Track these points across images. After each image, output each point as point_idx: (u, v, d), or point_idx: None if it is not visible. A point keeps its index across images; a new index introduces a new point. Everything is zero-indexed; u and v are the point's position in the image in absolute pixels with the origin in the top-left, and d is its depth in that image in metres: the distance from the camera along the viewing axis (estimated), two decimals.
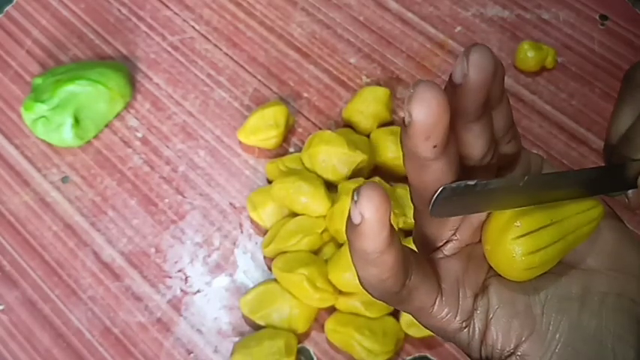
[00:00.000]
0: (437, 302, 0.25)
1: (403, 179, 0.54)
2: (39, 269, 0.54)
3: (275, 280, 0.51)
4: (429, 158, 0.21)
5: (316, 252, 0.52)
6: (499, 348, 0.24)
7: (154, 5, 0.65)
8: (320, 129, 0.59)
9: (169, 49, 0.63)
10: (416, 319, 0.26)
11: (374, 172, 0.55)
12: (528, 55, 0.59)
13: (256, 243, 0.55)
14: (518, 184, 0.23)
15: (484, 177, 0.24)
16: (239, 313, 0.52)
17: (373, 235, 0.21)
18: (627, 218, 0.53)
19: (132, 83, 0.60)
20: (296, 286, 0.49)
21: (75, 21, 0.64)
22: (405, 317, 0.50)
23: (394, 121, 0.58)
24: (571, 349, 0.24)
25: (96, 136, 0.59)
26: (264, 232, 0.55)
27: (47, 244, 0.55)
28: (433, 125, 0.20)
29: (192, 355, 0.51)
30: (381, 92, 0.57)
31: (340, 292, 0.50)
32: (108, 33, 0.64)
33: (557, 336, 0.24)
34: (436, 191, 0.22)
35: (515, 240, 0.24)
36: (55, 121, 0.56)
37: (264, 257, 0.54)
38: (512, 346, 0.24)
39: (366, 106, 0.56)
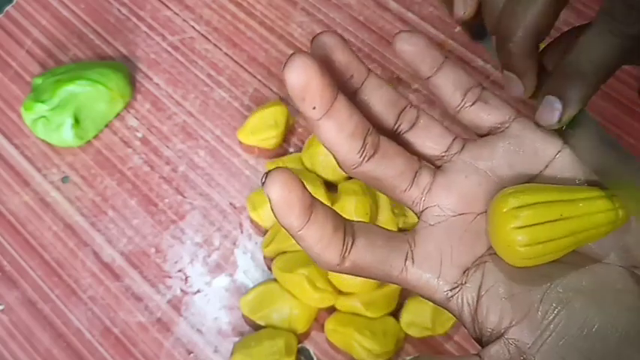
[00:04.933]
0: (408, 268, 0.25)
1: None
2: (39, 269, 0.54)
3: (275, 280, 0.51)
4: (313, 118, 0.24)
5: None
6: (489, 327, 0.24)
7: (154, 5, 0.65)
8: None
9: (169, 49, 0.63)
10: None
11: None
12: None
13: (256, 243, 0.55)
14: None
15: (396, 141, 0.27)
16: (239, 313, 0.52)
17: (284, 214, 0.24)
18: None
19: (132, 83, 0.60)
20: (296, 286, 0.49)
21: (75, 21, 0.64)
22: (405, 317, 0.50)
23: None
24: (565, 342, 0.23)
25: (96, 136, 0.59)
26: (264, 232, 0.55)
27: (47, 244, 0.55)
28: (304, 88, 0.23)
29: (192, 355, 0.51)
30: None
31: (340, 292, 0.50)
32: (108, 33, 0.64)
33: (552, 326, 0.23)
34: None
35: (516, 230, 0.23)
36: (55, 121, 0.56)
37: (264, 257, 0.54)
38: (502, 327, 0.24)
39: None
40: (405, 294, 0.51)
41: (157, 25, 0.64)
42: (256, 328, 0.51)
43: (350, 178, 0.53)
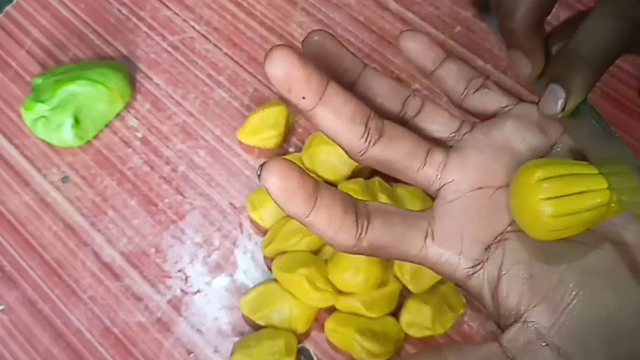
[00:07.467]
0: (428, 246, 0.25)
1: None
2: (39, 269, 0.54)
3: (275, 280, 0.51)
4: (306, 108, 0.24)
5: (316, 252, 0.52)
6: (508, 308, 0.24)
7: (154, 5, 0.65)
8: None
9: (169, 49, 0.63)
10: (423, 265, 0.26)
11: (374, 172, 0.55)
12: None
13: (256, 243, 0.55)
14: None
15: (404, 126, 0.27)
16: (239, 313, 0.52)
17: (286, 204, 0.23)
18: None
19: (132, 83, 0.60)
20: (296, 286, 0.49)
21: (75, 21, 0.64)
22: (405, 317, 0.50)
23: None
24: (583, 325, 0.23)
25: (96, 136, 0.59)
26: (264, 232, 0.55)
27: (47, 244, 0.55)
28: (286, 78, 0.23)
29: (192, 355, 0.51)
30: None
31: (340, 292, 0.50)
32: (108, 33, 0.64)
33: (570, 309, 0.23)
34: None
35: (544, 201, 0.22)
36: (55, 121, 0.56)
37: (264, 257, 0.54)
38: (521, 310, 0.23)
39: None
40: (405, 294, 0.51)
41: (157, 25, 0.64)
42: (256, 328, 0.51)
43: (350, 177, 0.53)
